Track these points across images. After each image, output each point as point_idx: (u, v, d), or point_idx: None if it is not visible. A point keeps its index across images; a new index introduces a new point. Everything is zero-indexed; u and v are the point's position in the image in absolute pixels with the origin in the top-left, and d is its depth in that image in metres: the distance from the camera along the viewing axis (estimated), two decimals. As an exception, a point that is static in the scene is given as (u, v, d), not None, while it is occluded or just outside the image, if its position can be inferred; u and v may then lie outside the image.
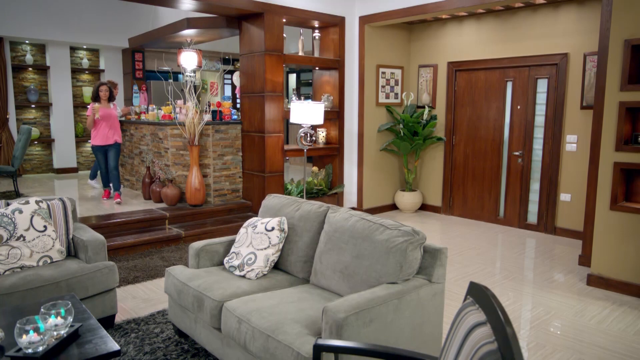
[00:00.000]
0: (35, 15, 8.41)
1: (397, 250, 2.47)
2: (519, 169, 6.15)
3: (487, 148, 6.45)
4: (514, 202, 6.22)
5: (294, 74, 11.87)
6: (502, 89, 6.22)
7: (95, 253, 3.31)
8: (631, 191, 4.10)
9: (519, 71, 6.05)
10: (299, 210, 3.14)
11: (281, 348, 2.21)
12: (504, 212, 6.34)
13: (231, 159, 6.31)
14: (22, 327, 1.93)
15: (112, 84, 6.99)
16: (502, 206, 6.36)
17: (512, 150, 6.19)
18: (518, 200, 6.18)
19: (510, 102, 6.17)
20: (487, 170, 6.47)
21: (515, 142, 6.16)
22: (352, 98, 6.77)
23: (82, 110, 9.77)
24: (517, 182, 6.17)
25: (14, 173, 6.81)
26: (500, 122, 6.29)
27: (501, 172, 6.34)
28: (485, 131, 6.45)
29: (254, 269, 2.97)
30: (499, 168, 6.34)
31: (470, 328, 1.30)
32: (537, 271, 4.65)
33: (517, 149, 6.15)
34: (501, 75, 6.23)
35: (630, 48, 3.87)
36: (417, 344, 2.45)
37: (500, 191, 6.37)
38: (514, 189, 6.21)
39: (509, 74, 6.14)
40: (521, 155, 6.11)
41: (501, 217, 6.37)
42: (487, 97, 6.40)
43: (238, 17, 6.11)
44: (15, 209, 3.20)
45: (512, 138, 6.19)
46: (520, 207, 6.17)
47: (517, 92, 6.10)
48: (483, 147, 6.49)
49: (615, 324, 3.48)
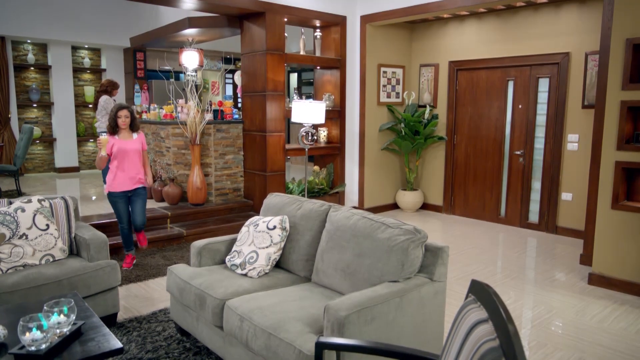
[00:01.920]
0: (37, 15, 8.42)
1: (399, 248, 2.47)
2: (520, 168, 6.14)
3: (488, 147, 6.45)
4: (515, 201, 6.22)
5: (295, 73, 11.88)
6: (504, 88, 6.22)
7: (97, 252, 3.32)
8: (632, 190, 4.10)
9: (521, 70, 6.05)
10: (301, 209, 3.14)
11: (283, 346, 2.22)
12: (505, 211, 6.34)
13: (232, 158, 6.32)
14: (25, 325, 1.94)
15: (112, 83, 6.91)
16: (504, 205, 6.36)
17: (514, 150, 6.19)
18: (519, 200, 6.18)
19: (512, 101, 6.17)
20: (489, 169, 6.47)
21: (517, 142, 6.16)
22: (354, 97, 6.78)
23: (83, 110, 9.78)
24: (518, 181, 6.17)
25: (16, 172, 6.83)
26: (502, 122, 6.29)
27: (502, 171, 6.34)
28: (486, 130, 6.45)
29: (256, 268, 2.97)
30: (500, 167, 6.34)
31: (472, 325, 1.30)
32: (538, 270, 4.65)
33: (519, 148, 6.14)
34: (502, 74, 6.23)
35: (632, 47, 3.86)
36: (418, 342, 2.45)
37: (502, 190, 6.37)
38: (514, 188, 6.21)
39: (511, 73, 6.14)
40: (522, 154, 6.11)
41: (502, 217, 6.37)
42: (488, 96, 6.40)
43: (239, 17, 6.12)
44: (17, 207, 3.21)
45: (514, 137, 6.19)
46: (522, 206, 6.17)
47: (518, 92, 6.09)
48: (484, 146, 6.49)
49: (617, 322, 3.48)
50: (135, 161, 4.30)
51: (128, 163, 4.27)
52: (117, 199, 4.31)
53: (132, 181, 4.31)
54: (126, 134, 4.30)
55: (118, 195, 4.30)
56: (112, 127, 4.25)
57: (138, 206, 4.39)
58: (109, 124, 4.26)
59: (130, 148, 4.27)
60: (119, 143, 4.24)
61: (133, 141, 4.32)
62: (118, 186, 4.26)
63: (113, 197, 4.31)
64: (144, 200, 4.45)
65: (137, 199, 4.38)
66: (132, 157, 4.28)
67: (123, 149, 4.23)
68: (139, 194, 4.39)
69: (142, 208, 4.43)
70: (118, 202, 4.32)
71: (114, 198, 4.31)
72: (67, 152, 9.43)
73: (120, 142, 4.25)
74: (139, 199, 4.39)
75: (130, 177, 4.29)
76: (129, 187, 4.31)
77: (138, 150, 4.33)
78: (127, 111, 4.23)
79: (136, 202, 4.38)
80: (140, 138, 4.39)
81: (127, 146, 4.26)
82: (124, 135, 4.29)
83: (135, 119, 4.34)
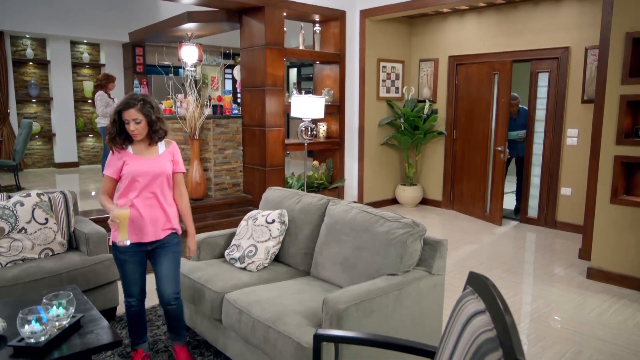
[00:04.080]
0: (35, 10, 8.39)
1: (397, 242, 2.47)
2: (501, 164, 6.10)
3: (487, 143, 6.43)
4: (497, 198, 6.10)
5: (295, 68, 11.86)
6: (490, 82, 6.15)
7: (97, 246, 3.33)
8: (632, 185, 4.10)
9: (503, 64, 5.97)
10: (300, 203, 3.14)
11: (282, 338, 2.23)
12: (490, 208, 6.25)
13: (232, 153, 6.31)
14: (25, 317, 1.94)
15: (108, 76, 6.86)
16: (489, 202, 6.31)
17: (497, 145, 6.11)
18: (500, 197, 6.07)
19: (496, 95, 6.09)
20: (488, 164, 6.45)
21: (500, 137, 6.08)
22: (353, 92, 6.76)
23: (82, 105, 9.77)
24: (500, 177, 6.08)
25: (15, 167, 6.82)
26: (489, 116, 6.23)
27: (488, 167, 6.30)
28: (485, 125, 6.43)
29: (255, 261, 2.98)
30: (487, 162, 6.31)
31: (470, 316, 1.31)
32: (537, 265, 4.65)
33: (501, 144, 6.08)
34: (489, 68, 6.17)
35: (632, 41, 3.86)
36: (417, 335, 2.45)
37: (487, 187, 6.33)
38: (497, 185, 6.12)
39: (495, 66, 6.08)
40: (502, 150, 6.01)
41: (487, 214, 6.33)
42: (479, 90, 6.35)
43: (238, 11, 6.10)
44: (16, 201, 3.21)
45: (497, 133, 6.10)
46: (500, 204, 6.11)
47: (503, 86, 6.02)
48: (482, 142, 6.47)
49: (615, 316, 3.49)
50: (160, 192, 2.52)
51: (146, 195, 2.49)
52: (126, 257, 2.51)
53: (155, 226, 2.52)
54: (144, 145, 2.52)
55: (126, 252, 2.50)
56: (115, 138, 2.46)
57: (166, 267, 2.58)
58: (109, 135, 2.46)
59: (150, 171, 2.48)
60: (132, 161, 2.48)
61: (156, 159, 2.52)
62: (136, 236, 2.49)
63: (118, 252, 2.52)
64: (177, 258, 2.64)
65: (165, 256, 2.57)
66: (153, 186, 2.50)
67: (137, 171, 2.46)
68: (169, 248, 2.59)
69: (174, 270, 2.62)
70: (127, 262, 2.53)
71: (119, 255, 2.52)
72: (66, 148, 9.41)
73: (134, 161, 2.48)
74: (168, 255, 2.58)
75: (151, 219, 2.50)
76: (150, 236, 2.52)
77: (164, 173, 2.52)
78: (135, 111, 2.40)
79: (162, 261, 2.57)
80: (171, 152, 2.59)
81: (145, 167, 2.48)
82: (141, 149, 2.52)
83: (158, 121, 2.48)
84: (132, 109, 2.40)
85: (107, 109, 6.74)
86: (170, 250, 2.59)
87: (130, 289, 2.60)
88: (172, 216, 2.59)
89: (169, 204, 2.58)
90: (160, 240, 2.55)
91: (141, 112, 2.41)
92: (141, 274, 2.61)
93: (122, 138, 2.48)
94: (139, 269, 2.58)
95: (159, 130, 2.49)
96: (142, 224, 2.48)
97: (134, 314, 2.65)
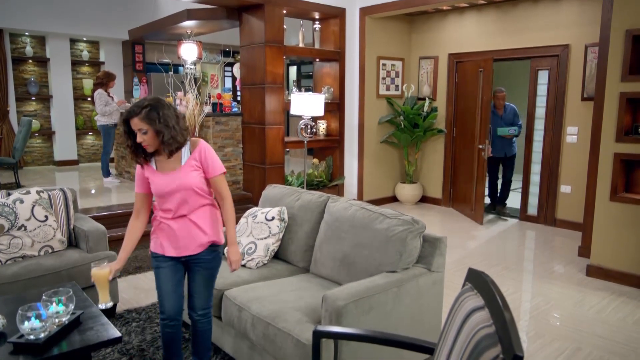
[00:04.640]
0: (35, 7, 8.38)
1: (397, 239, 2.47)
2: (482, 162, 6.11)
3: (474, 141, 6.42)
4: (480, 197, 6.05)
5: (294, 66, 11.84)
6: (477, 79, 6.14)
7: (96, 243, 3.33)
8: (631, 182, 4.10)
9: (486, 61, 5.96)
10: (299, 200, 3.14)
11: (281, 335, 2.23)
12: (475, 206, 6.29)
13: (231, 151, 6.31)
14: (24, 314, 1.94)
15: (108, 74, 6.85)
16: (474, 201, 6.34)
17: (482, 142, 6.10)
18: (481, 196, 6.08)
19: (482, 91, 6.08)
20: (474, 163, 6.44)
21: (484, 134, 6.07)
22: (353, 90, 6.76)
23: (82, 103, 9.76)
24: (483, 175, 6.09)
25: (14, 165, 6.82)
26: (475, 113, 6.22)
27: (480, 166, 6.31)
28: (474, 123, 6.41)
29: (254, 259, 2.98)
30: (479, 161, 6.32)
31: (469, 312, 1.31)
32: (536, 262, 4.66)
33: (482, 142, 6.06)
34: (475, 65, 6.16)
35: (632, 38, 3.85)
36: (416, 332, 2.46)
37: (473, 185, 6.35)
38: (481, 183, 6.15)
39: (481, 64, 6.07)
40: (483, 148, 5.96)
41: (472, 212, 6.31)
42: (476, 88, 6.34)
43: (238, 9, 6.09)
44: (16, 199, 3.21)
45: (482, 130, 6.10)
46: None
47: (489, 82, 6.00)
48: (471, 140, 6.46)
49: (614, 313, 3.49)
50: (187, 208, 2.30)
51: (175, 210, 2.31)
52: (160, 263, 2.37)
53: (188, 242, 2.32)
54: (164, 157, 2.25)
55: (160, 259, 2.37)
56: (136, 152, 2.24)
57: (198, 283, 2.40)
58: (129, 149, 2.24)
59: (169, 189, 2.26)
60: (153, 178, 2.29)
61: (176, 173, 2.26)
62: (159, 247, 2.36)
63: (153, 260, 2.42)
64: (211, 273, 2.42)
65: (198, 272, 2.39)
66: (178, 202, 2.28)
67: (158, 191, 2.29)
68: (202, 264, 2.37)
69: (204, 286, 2.42)
70: (160, 268, 2.37)
71: (154, 261, 2.41)
72: (66, 145, 9.40)
73: (155, 178, 2.28)
74: (200, 271, 2.38)
75: (182, 235, 2.31)
76: (185, 250, 2.33)
77: (186, 187, 2.26)
78: (138, 120, 2.13)
79: (195, 277, 2.40)
80: (197, 157, 2.29)
81: (164, 185, 2.26)
82: (162, 162, 2.28)
83: (167, 130, 2.15)
84: (135, 117, 2.12)
85: (106, 107, 6.73)
86: (203, 267, 2.37)
87: (163, 303, 2.37)
88: (208, 227, 2.33)
89: (201, 216, 2.32)
90: (196, 254, 2.34)
91: (145, 120, 2.11)
92: (175, 287, 2.35)
93: (142, 151, 2.22)
94: (172, 279, 2.35)
95: (169, 141, 2.16)
96: (176, 239, 2.31)
97: (166, 337, 2.40)
